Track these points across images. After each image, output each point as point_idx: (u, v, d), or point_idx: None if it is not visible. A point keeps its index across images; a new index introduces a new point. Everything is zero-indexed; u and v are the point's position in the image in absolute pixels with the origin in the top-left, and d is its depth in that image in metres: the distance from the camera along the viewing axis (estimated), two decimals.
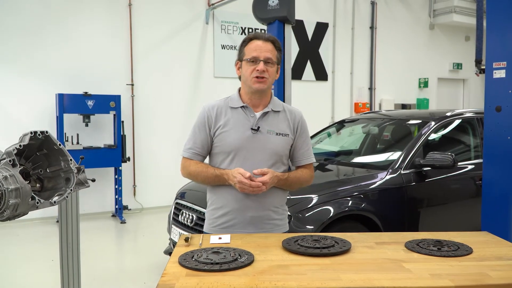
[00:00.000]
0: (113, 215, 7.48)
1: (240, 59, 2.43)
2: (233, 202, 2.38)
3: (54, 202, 2.59)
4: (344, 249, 1.94)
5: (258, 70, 2.32)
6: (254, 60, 2.33)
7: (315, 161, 2.59)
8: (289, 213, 3.79)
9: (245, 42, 2.42)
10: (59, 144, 2.54)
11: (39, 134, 2.36)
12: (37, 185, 2.69)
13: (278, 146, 2.39)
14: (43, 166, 2.71)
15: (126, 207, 7.53)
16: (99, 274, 4.84)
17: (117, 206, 7.31)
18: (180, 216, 4.39)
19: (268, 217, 2.42)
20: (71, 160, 2.97)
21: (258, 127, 2.37)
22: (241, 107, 2.41)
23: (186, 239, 2.07)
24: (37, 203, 2.27)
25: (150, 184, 7.76)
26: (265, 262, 1.81)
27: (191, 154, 2.44)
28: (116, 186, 7.28)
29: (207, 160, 2.51)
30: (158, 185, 7.72)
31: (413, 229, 4.32)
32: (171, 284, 1.58)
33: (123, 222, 7.07)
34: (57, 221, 7.17)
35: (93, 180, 3.39)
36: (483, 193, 3.87)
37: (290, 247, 1.96)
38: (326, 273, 1.70)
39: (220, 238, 2.14)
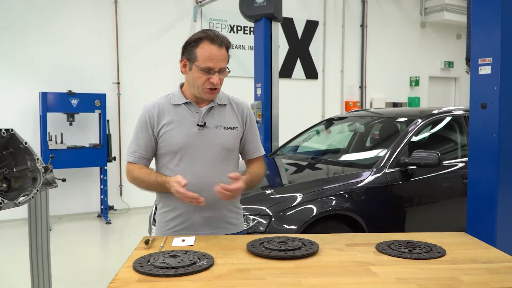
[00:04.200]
0: (98, 216, 7.37)
1: (189, 59, 2.21)
2: (184, 203, 2.19)
3: (19, 202, 2.47)
4: (310, 251, 1.84)
5: (212, 82, 2.18)
6: (208, 71, 2.17)
7: (264, 152, 2.50)
8: (270, 212, 3.77)
9: (196, 42, 2.19)
10: (25, 143, 2.43)
11: (3, 132, 2.25)
12: (4, 185, 2.59)
13: (228, 141, 2.28)
14: (10, 166, 2.61)
15: (112, 208, 7.41)
16: (82, 276, 4.74)
17: (102, 207, 7.20)
18: None
19: (223, 217, 2.31)
20: (37, 159, 2.86)
21: (205, 123, 2.25)
22: (184, 103, 2.28)
23: (147, 242, 1.97)
24: (1, 203, 2.16)
25: None
26: (225, 266, 1.72)
27: (135, 158, 2.30)
28: (102, 186, 7.17)
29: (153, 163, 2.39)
30: None
31: (398, 230, 4.23)
32: None
33: (108, 222, 6.96)
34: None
35: (63, 180, 3.29)
36: (468, 192, 3.78)
37: (254, 250, 1.86)
38: (286, 277, 1.60)
39: (183, 240, 2.04)
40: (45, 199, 3.09)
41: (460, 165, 4.66)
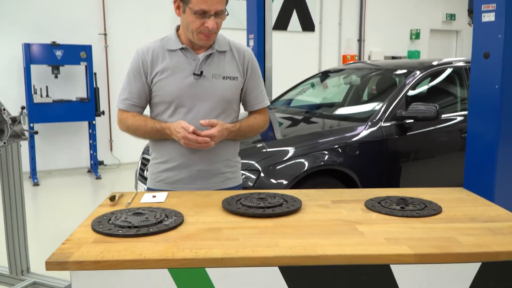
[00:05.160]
0: (88, 171, 7.22)
1: (182, 0, 1.99)
2: (179, 157, 2.10)
3: None
4: (291, 209, 1.66)
5: (207, 27, 1.96)
6: (202, 14, 1.94)
7: (269, 104, 2.30)
8: (259, 167, 3.60)
9: None
10: None
11: None
12: None
13: (226, 92, 2.08)
14: None
15: (102, 163, 7.24)
16: (70, 231, 4.60)
17: (92, 162, 7.03)
18: (146, 171, 4.11)
19: (218, 171, 2.15)
20: (4, 109, 2.65)
21: (201, 72, 2.04)
22: (180, 49, 2.06)
23: (112, 198, 1.79)
24: None
25: (127, 139, 7.29)
26: (195, 225, 1.53)
27: (127, 106, 2.12)
28: (91, 141, 6.97)
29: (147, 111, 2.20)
30: (136, 140, 7.37)
31: (393, 185, 4.08)
32: (68, 253, 1.29)
33: (98, 178, 6.82)
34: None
35: (35, 133, 3.09)
36: (467, 146, 3.62)
37: (229, 207, 1.68)
38: (262, 238, 1.42)
39: (154, 196, 1.86)
40: (16, 152, 2.90)
41: (459, 118, 4.46)
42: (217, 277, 1.28)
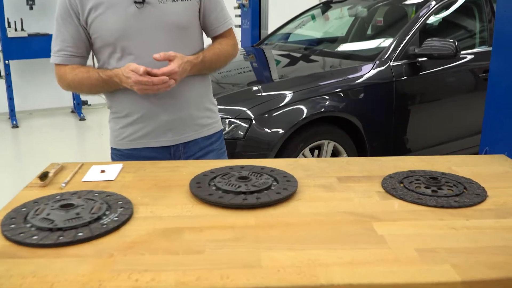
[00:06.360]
0: (72, 111, 6.76)
1: None
2: (139, 107, 1.67)
3: None
4: (283, 195, 1.20)
5: None
6: None
7: (234, 24, 1.85)
8: (251, 114, 3.15)
9: None
10: None
11: None
12: None
13: (180, 16, 1.62)
14: None
15: (85, 103, 6.74)
16: None
17: (75, 101, 6.55)
18: None
19: (190, 117, 1.72)
20: None
21: None
22: None
23: (43, 176, 1.33)
24: None
25: None
26: (146, 224, 1.09)
27: (63, 58, 1.66)
28: None
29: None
30: None
31: (400, 132, 3.65)
32: None
33: (82, 119, 6.37)
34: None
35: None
36: (489, 86, 3.17)
37: (198, 192, 1.23)
38: (239, 248, 0.97)
39: (103, 171, 1.41)
40: None
41: (477, 56, 3.95)
42: None
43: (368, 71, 3.45)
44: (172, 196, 1.24)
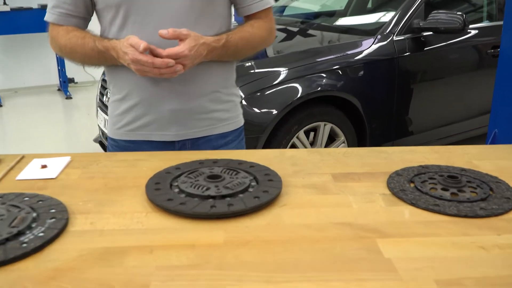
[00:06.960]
0: (59, 89, 6.48)
1: None
2: (140, 89, 1.38)
3: None
4: (262, 201, 0.94)
5: None
6: None
7: (273, 3, 1.50)
8: (241, 93, 2.88)
9: None
10: None
11: None
12: None
13: None
14: None
15: (72, 80, 6.44)
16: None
17: (61, 79, 6.26)
18: (105, 97, 3.38)
19: (202, 109, 1.41)
20: None
21: None
22: None
23: None
24: None
25: None
26: (80, 242, 0.83)
27: (58, 16, 1.36)
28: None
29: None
30: None
31: (402, 112, 3.40)
32: None
33: (68, 97, 6.09)
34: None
35: None
36: (499, 63, 2.95)
37: (154, 196, 0.97)
38: (197, 282, 0.72)
39: (44, 166, 1.15)
40: None
41: (484, 31, 3.68)
42: None
43: (368, 47, 3.21)
44: (122, 201, 0.98)
